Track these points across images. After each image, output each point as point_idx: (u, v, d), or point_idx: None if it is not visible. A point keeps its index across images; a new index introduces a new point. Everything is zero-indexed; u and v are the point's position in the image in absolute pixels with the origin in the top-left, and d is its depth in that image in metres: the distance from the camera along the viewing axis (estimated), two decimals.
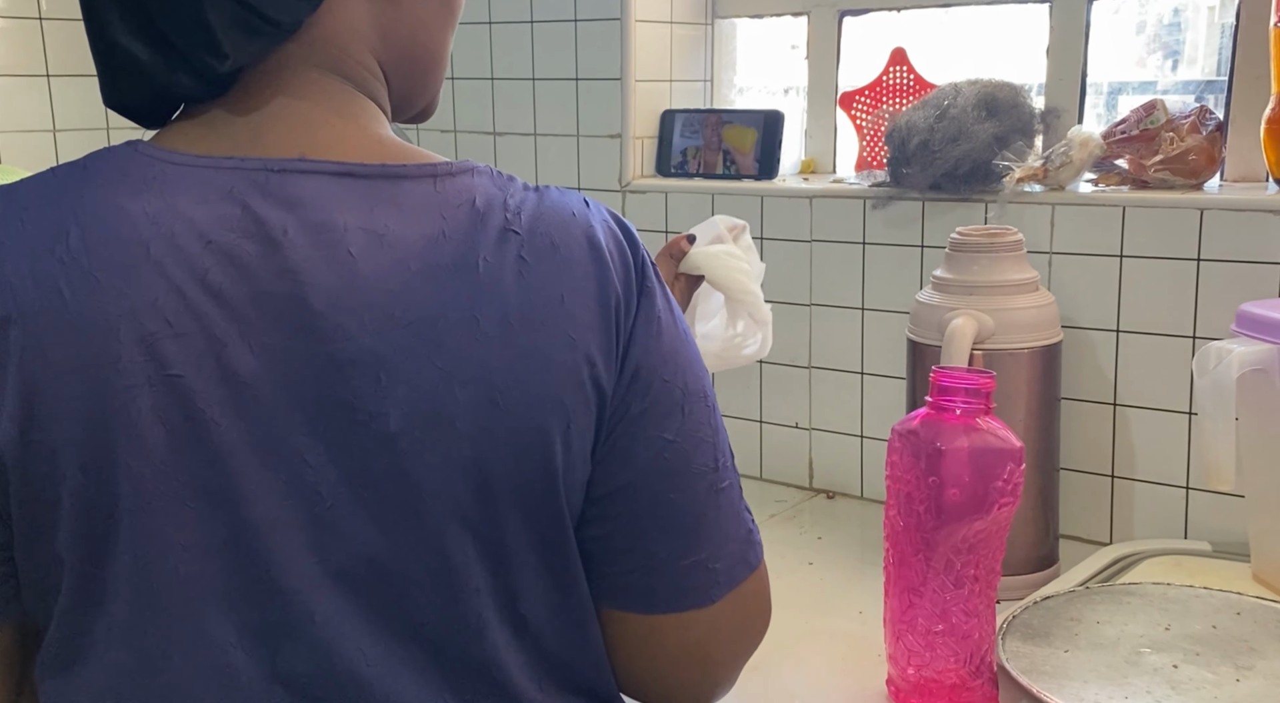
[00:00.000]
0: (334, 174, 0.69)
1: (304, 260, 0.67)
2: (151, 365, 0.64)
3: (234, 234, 0.67)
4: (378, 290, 0.67)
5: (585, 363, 0.71)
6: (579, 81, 1.80)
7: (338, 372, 0.67)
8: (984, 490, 0.99)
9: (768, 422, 1.70)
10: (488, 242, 0.70)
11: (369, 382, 0.67)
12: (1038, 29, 1.56)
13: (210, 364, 0.65)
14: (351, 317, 0.67)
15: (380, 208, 0.69)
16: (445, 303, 0.68)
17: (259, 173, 0.68)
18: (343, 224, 0.68)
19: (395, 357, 0.67)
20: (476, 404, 0.68)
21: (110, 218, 0.66)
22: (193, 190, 0.67)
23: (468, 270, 0.69)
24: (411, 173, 0.71)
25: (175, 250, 0.66)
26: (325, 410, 0.67)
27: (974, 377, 1.03)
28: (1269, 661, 0.97)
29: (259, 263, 0.67)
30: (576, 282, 0.72)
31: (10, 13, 1.80)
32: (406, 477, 0.68)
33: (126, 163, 0.69)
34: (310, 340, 0.67)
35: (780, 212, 1.64)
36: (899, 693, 1.07)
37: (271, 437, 0.67)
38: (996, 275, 1.29)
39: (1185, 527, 1.39)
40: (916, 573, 1.02)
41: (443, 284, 0.68)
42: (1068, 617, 1.05)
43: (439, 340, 0.68)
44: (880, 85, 1.67)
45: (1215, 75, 1.53)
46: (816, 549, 1.46)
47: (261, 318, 0.66)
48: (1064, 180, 1.43)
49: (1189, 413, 1.36)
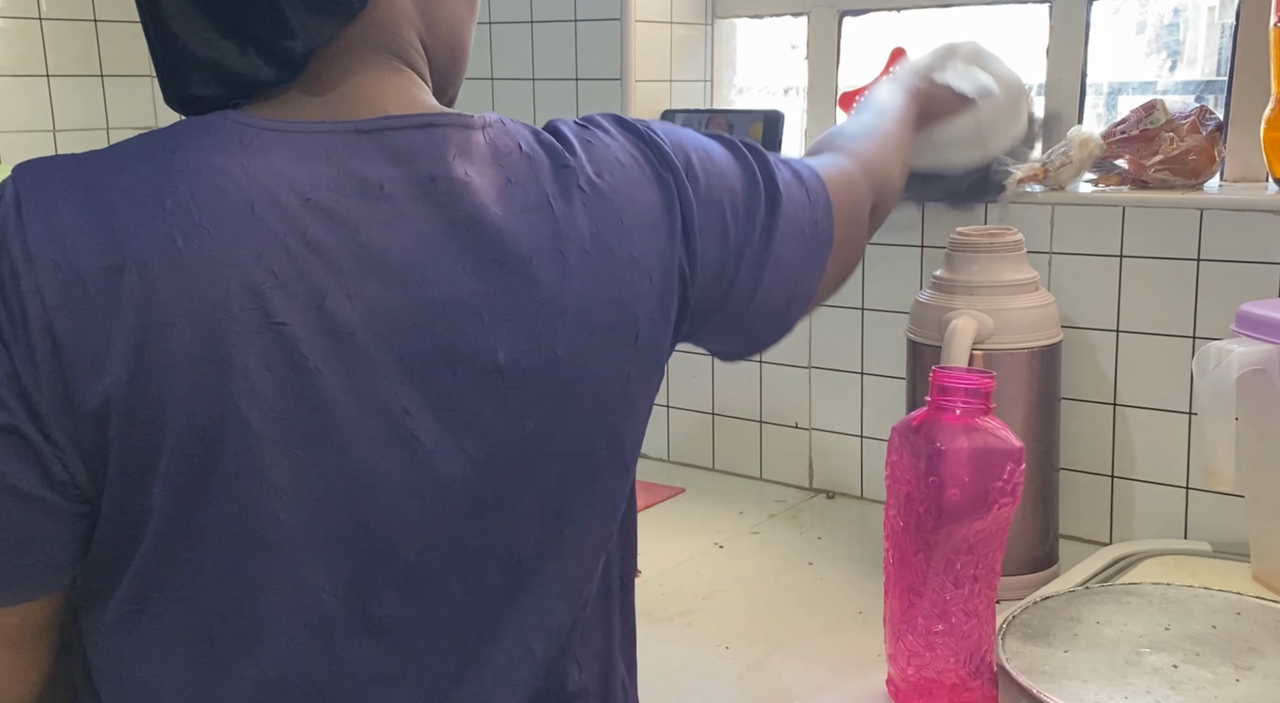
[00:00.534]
0: (418, 126, 0.73)
1: (399, 213, 0.71)
2: (259, 313, 0.66)
3: (332, 191, 0.69)
4: (470, 233, 0.72)
5: (645, 275, 0.78)
6: (579, 82, 1.80)
7: (439, 313, 0.70)
8: (984, 490, 0.99)
9: (768, 422, 1.70)
10: (549, 182, 0.76)
11: (471, 319, 0.71)
12: (1038, 29, 1.56)
13: (312, 314, 0.67)
14: (450, 260, 0.71)
15: (458, 158, 0.73)
16: (533, 242, 0.73)
17: (350, 134, 0.72)
18: (430, 175, 0.72)
19: (496, 295, 0.72)
20: (571, 331, 0.74)
21: (213, 175, 0.68)
22: (288, 152, 0.70)
23: (543, 210, 0.74)
24: (472, 123, 0.76)
25: (277, 207, 0.68)
26: (425, 356, 0.70)
27: (974, 377, 1.03)
28: (1269, 661, 0.97)
29: (357, 218, 0.69)
30: (630, 199, 0.79)
31: (10, 13, 1.80)
32: (514, 410, 0.72)
33: (219, 128, 0.70)
34: (410, 288, 0.70)
35: None
36: (899, 693, 1.07)
37: (371, 385, 0.69)
38: (996, 275, 1.29)
39: (1185, 527, 1.39)
40: (916, 573, 1.02)
41: (527, 224, 0.73)
42: (1068, 617, 1.05)
43: (533, 277, 0.73)
44: None
45: (1215, 75, 1.53)
46: (816, 549, 1.46)
47: (360, 270, 0.69)
48: (1064, 180, 1.43)
49: (1189, 413, 1.36)
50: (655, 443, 1.77)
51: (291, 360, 0.67)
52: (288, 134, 0.71)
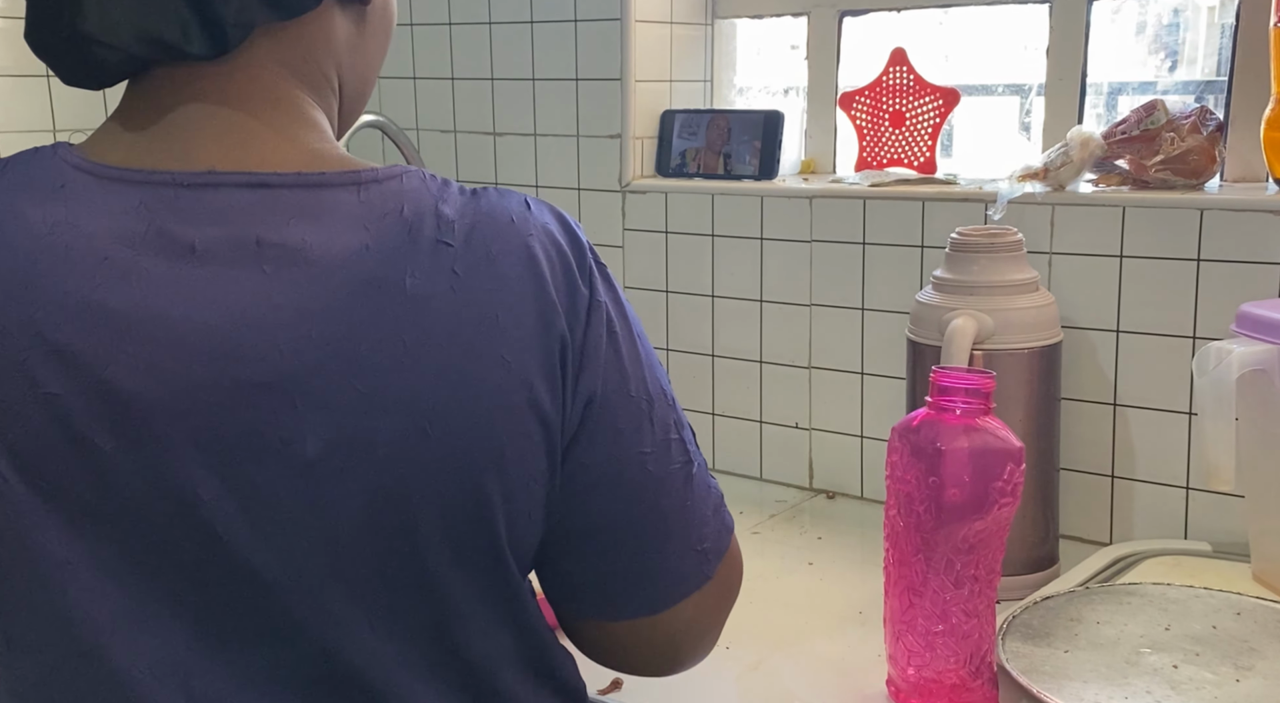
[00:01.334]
0: (247, 185, 0.66)
1: (212, 279, 0.64)
2: (24, 382, 0.62)
3: (135, 251, 0.64)
4: (294, 309, 0.64)
5: (522, 386, 0.67)
6: (579, 82, 1.80)
7: (247, 396, 0.63)
8: (984, 491, 0.99)
9: (768, 422, 1.70)
10: (417, 255, 0.66)
11: (284, 406, 0.63)
12: (1038, 29, 1.56)
13: (90, 384, 0.62)
14: (264, 337, 0.63)
15: (297, 220, 0.65)
16: (367, 322, 0.64)
17: (168, 188, 0.65)
18: (255, 238, 0.64)
19: (312, 379, 0.63)
20: (400, 430, 0.65)
21: (8, 224, 0.64)
22: (99, 202, 0.65)
23: (393, 287, 0.65)
24: (331, 181, 0.67)
25: (67, 264, 0.63)
26: (228, 439, 0.63)
27: (974, 377, 1.03)
28: (1269, 661, 0.97)
29: (161, 281, 0.63)
30: (512, 298, 0.68)
31: (10, 13, 1.80)
32: (322, 507, 0.65)
33: (43, 167, 0.67)
34: (215, 364, 0.63)
35: (780, 212, 1.63)
36: (899, 693, 1.07)
37: (161, 466, 0.63)
38: (996, 275, 1.29)
39: (1185, 527, 1.39)
40: (916, 573, 1.02)
41: (365, 302, 0.64)
42: (1068, 617, 1.05)
43: (360, 362, 0.64)
44: (880, 85, 1.67)
45: (1215, 75, 1.53)
46: (816, 549, 1.46)
47: (156, 339, 0.63)
48: (1064, 180, 1.43)
49: (1189, 413, 1.36)
50: None
51: (67, 434, 0.62)
52: (105, 181, 0.66)
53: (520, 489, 0.69)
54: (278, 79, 0.71)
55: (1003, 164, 1.50)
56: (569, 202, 1.83)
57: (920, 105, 1.64)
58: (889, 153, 1.67)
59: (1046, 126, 1.56)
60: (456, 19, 1.92)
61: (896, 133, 1.66)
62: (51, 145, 0.69)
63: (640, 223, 1.76)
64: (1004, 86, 1.70)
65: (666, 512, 0.75)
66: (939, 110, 1.63)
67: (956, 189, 1.53)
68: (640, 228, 1.77)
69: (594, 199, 1.81)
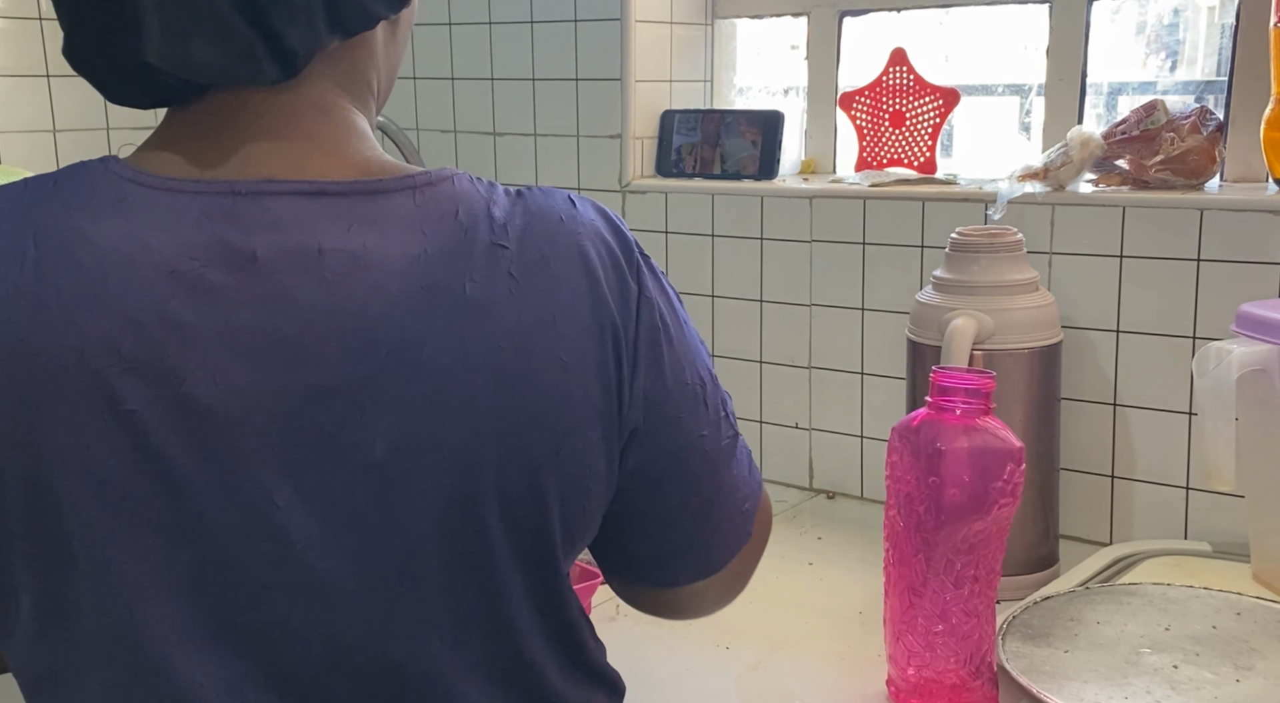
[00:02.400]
0: (306, 194, 0.67)
1: (277, 287, 0.64)
2: (103, 400, 0.62)
3: (199, 262, 0.64)
4: (358, 315, 0.65)
5: (579, 387, 0.69)
6: (579, 82, 1.80)
7: (317, 402, 0.64)
8: (984, 491, 0.99)
9: (768, 422, 1.70)
10: (475, 260, 0.67)
11: (353, 410, 0.64)
12: (1038, 29, 1.56)
13: (167, 398, 0.63)
14: (331, 344, 0.64)
15: (357, 227, 0.66)
16: (430, 327, 0.65)
17: (225, 197, 0.66)
18: (317, 247, 0.65)
19: (378, 383, 0.65)
20: (464, 432, 0.66)
21: (70, 243, 0.63)
22: (160, 216, 0.65)
23: (453, 292, 0.66)
24: (388, 187, 0.68)
25: (135, 280, 0.63)
26: (299, 444, 0.64)
27: (974, 377, 1.03)
28: (1269, 661, 0.97)
29: (228, 292, 0.64)
30: (568, 299, 0.69)
31: (10, 13, 1.80)
32: (393, 509, 0.66)
33: (96, 182, 0.66)
34: (285, 371, 0.64)
35: (780, 212, 1.63)
36: (899, 693, 1.07)
37: (236, 475, 0.64)
38: (996, 275, 1.29)
39: (1185, 527, 1.38)
40: (916, 573, 1.02)
41: (427, 307, 0.66)
42: (1068, 617, 1.05)
43: (425, 366, 0.65)
44: (880, 85, 1.67)
45: (1215, 75, 1.53)
46: (816, 549, 1.45)
47: (228, 350, 0.63)
48: (1064, 180, 1.43)
49: (1189, 413, 1.36)
50: None
51: (142, 448, 0.63)
52: (164, 193, 0.66)
53: (576, 488, 0.71)
54: (329, 92, 0.72)
55: (1003, 164, 1.50)
56: None
57: (920, 105, 1.64)
58: (889, 153, 1.67)
59: (1046, 126, 1.56)
60: (456, 19, 1.92)
61: (896, 133, 1.66)
62: (100, 159, 0.68)
63: (640, 223, 1.76)
64: (1004, 86, 1.70)
65: (720, 485, 0.79)
66: (939, 110, 1.63)
67: (956, 189, 1.53)
68: (640, 228, 1.77)
69: (594, 199, 1.80)
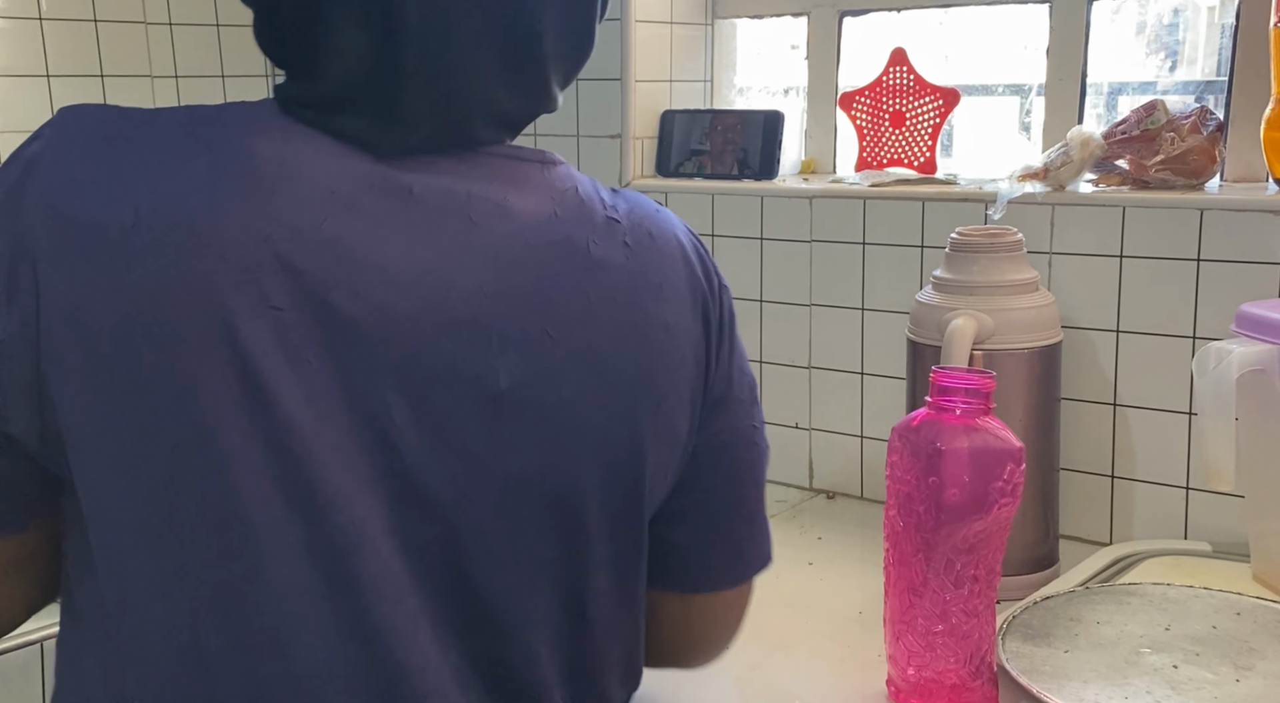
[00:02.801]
0: (459, 149, 0.73)
1: (427, 219, 0.70)
2: (256, 294, 0.65)
3: (358, 188, 0.69)
4: (498, 256, 0.71)
5: (678, 349, 0.76)
6: (579, 82, 1.79)
7: (450, 330, 0.69)
8: (984, 491, 0.99)
9: (768, 422, 1.68)
10: (596, 226, 0.75)
11: (481, 341, 0.69)
12: (1038, 29, 1.56)
13: (313, 305, 0.66)
14: (470, 277, 0.70)
15: (499, 183, 0.73)
16: (560, 276, 0.72)
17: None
18: (466, 191, 0.71)
19: (508, 321, 0.70)
20: (581, 373, 0.72)
21: (241, 154, 0.67)
22: (322, 147, 0.69)
23: (580, 250, 0.73)
24: (525, 156, 0.76)
25: (297, 194, 0.67)
26: (424, 367, 0.68)
27: (974, 377, 1.03)
28: (1269, 661, 0.97)
29: (380, 217, 0.69)
30: (671, 272, 0.77)
31: (10, 13, 1.80)
32: (502, 440, 0.70)
33: (264, 113, 0.71)
34: (423, 298, 0.68)
35: (780, 212, 1.63)
36: (899, 693, 1.07)
37: (361, 387, 0.67)
38: (996, 275, 1.29)
39: (1185, 527, 1.39)
40: (916, 573, 1.02)
41: (558, 258, 0.73)
42: (1068, 617, 1.05)
43: (553, 310, 0.71)
44: (880, 86, 1.67)
45: (1215, 75, 1.53)
46: (816, 549, 1.46)
47: (373, 270, 0.68)
48: (1064, 180, 1.43)
49: (1189, 413, 1.36)
50: None
51: (282, 345, 0.66)
52: (327, 134, 0.70)
53: (666, 445, 0.76)
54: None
55: (1003, 164, 1.50)
56: None
57: (920, 105, 1.64)
58: (889, 153, 1.67)
59: (1046, 126, 1.56)
60: None
61: (896, 133, 1.66)
62: (269, 99, 0.72)
63: None
64: (1004, 86, 1.70)
65: (759, 483, 0.85)
66: (939, 110, 1.63)
67: (956, 189, 1.53)
68: None
69: None
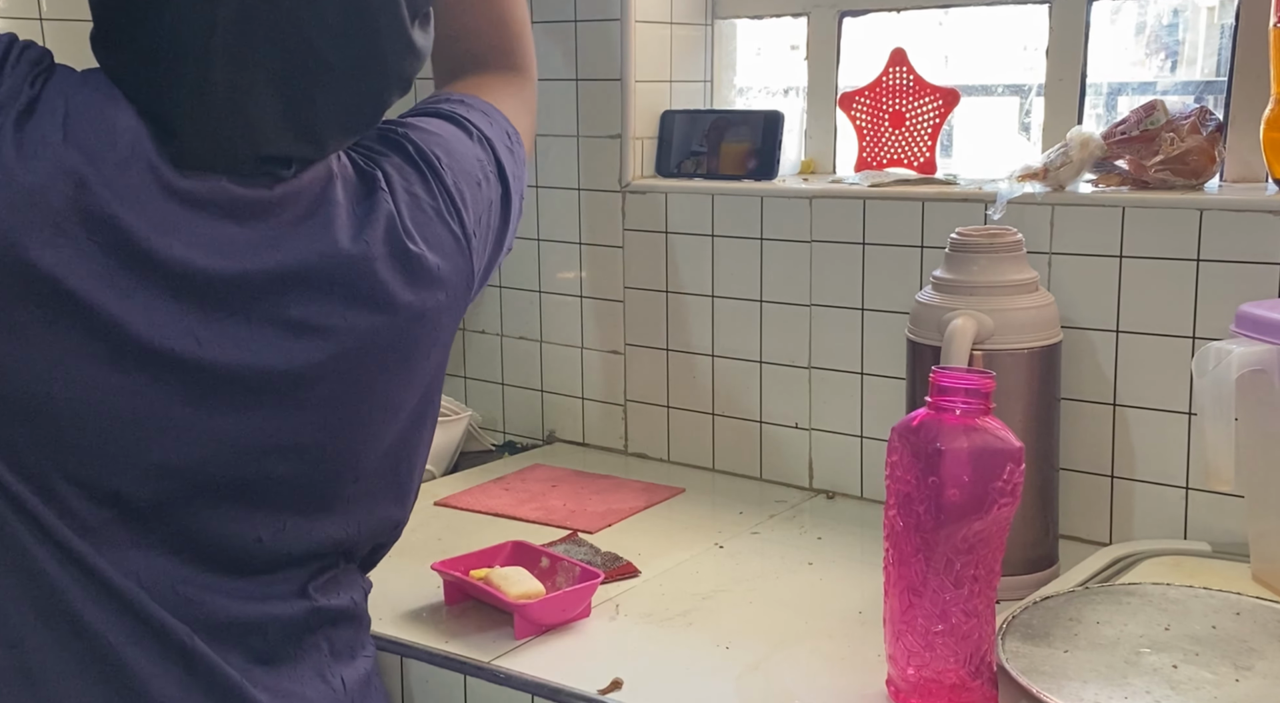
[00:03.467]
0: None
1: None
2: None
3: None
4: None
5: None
6: (579, 82, 1.80)
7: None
8: (984, 491, 0.99)
9: (768, 422, 1.70)
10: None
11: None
12: (1038, 29, 1.56)
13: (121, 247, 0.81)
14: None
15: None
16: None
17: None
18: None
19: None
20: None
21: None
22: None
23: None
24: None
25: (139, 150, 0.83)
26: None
27: (974, 377, 1.03)
28: (1269, 661, 0.97)
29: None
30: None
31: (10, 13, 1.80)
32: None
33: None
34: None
35: (780, 212, 1.64)
36: (899, 693, 1.07)
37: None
38: (996, 275, 1.29)
39: (1185, 527, 1.39)
40: (916, 573, 1.02)
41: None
42: (1067, 617, 1.05)
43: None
44: (880, 86, 1.67)
45: (1215, 76, 1.53)
46: (816, 549, 1.46)
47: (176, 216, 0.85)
48: (1064, 180, 1.43)
49: (1189, 413, 1.36)
50: (655, 443, 1.77)
51: (101, 274, 0.80)
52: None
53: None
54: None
55: (1003, 164, 1.50)
56: (569, 202, 1.83)
57: (920, 105, 1.64)
58: (889, 153, 1.67)
59: (1046, 127, 1.56)
60: None
61: (896, 133, 1.66)
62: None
63: (640, 223, 1.76)
64: (1004, 87, 1.70)
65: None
66: (939, 110, 1.63)
67: (956, 189, 1.53)
68: (640, 228, 1.77)
69: (594, 199, 1.81)
